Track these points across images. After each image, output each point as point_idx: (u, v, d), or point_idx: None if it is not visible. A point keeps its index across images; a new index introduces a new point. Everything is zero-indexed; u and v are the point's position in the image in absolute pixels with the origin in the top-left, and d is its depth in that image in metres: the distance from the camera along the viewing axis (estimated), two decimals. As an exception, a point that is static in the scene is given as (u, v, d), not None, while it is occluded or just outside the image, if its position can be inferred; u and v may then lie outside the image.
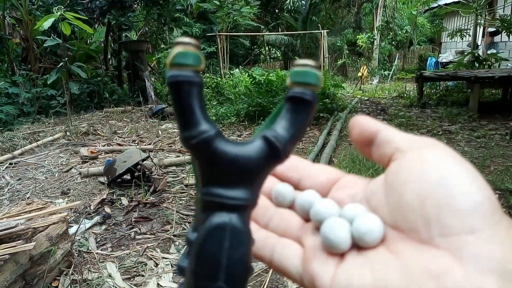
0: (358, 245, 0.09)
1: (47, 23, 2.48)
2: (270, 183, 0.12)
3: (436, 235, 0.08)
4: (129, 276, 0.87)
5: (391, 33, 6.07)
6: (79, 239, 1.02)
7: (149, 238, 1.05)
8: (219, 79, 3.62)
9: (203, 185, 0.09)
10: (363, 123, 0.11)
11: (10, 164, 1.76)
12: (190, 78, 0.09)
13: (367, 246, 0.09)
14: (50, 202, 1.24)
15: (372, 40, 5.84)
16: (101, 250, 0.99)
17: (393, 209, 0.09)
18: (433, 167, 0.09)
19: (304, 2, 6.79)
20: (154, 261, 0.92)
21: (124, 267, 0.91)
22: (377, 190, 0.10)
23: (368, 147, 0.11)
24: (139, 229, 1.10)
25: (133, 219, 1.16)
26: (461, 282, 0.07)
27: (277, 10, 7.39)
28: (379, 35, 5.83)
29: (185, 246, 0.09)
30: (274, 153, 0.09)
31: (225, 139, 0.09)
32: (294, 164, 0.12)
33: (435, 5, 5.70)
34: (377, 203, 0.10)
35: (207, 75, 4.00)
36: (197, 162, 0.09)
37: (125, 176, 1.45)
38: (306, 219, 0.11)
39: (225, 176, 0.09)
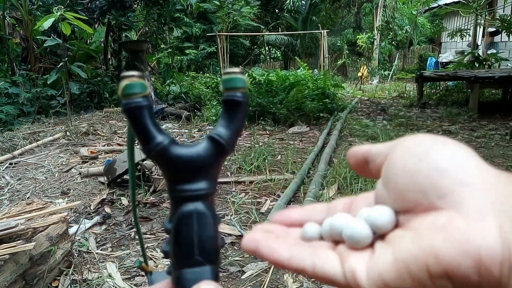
0: (379, 235, 0.11)
1: (47, 23, 2.47)
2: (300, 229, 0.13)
3: (435, 199, 0.09)
4: (129, 276, 0.87)
5: (391, 33, 6.08)
6: (79, 239, 1.02)
7: (149, 238, 1.05)
8: (219, 79, 3.62)
9: (169, 185, 0.11)
10: (355, 151, 0.13)
11: (10, 164, 1.76)
12: (139, 103, 0.11)
13: (383, 231, 0.10)
14: (50, 202, 1.24)
15: (372, 40, 5.87)
16: (101, 250, 0.99)
17: (394, 197, 0.10)
18: (412, 148, 0.10)
19: (304, 2, 6.77)
20: (154, 261, 0.93)
21: (124, 267, 0.91)
22: (379, 191, 0.11)
23: (367, 167, 0.12)
24: (139, 229, 1.11)
25: (133, 219, 1.16)
26: (464, 228, 0.08)
27: (277, 10, 7.40)
28: (379, 35, 5.85)
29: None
30: (220, 148, 0.12)
31: (178, 144, 0.11)
32: (314, 209, 0.14)
33: (435, 5, 5.70)
34: (382, 201, 0.11)
35: (207, 75, 4.01)
36: (160, 168, 0.12)
37: (125, 176, 1.45)
38: (335, 242, 0.12)
39: (184, 174, 0.11)
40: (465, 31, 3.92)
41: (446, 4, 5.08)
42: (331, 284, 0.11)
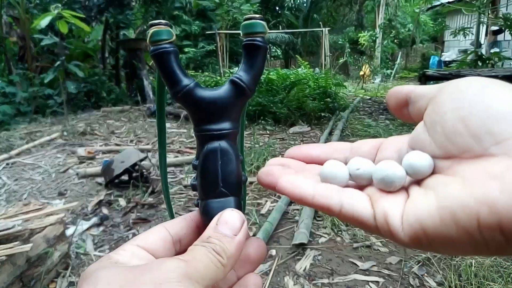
0: (416, 181, 0.10)
1: (44, 22, 2.45)
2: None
3: (490, 145, 0.08)
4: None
5: (394, 31, 6.02)
6: (76, 241, 1.01)
7: (148, 240, 1.04)
8: (218, 77, 3.59)
9: (196, 125, 0.12)
10: (397, 90, 0.12)
11: (7, 164, 1.75)
12: (166, 48, 0.12)
13: (421, 176, 0.10)
14: (47, 203, 1.23)
15: (374, 38, 5.84)
16: (99, 251, 0.98)
17: (440, 141, 0.10)
18: (465, 90, 0.09)
19: (305, 0, 6.74)
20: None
21: (122, 270, 0.90)
22: (418, 135, 0.10)
23: (406, 109, 0.11)
24: (137, 230, 1.09)
25: (131, 221, 1.15)
26: None
27: (277, 8, 7.35)
28: (381, 33, 5.81)
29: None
30: (241, 91, 0.12)
31: (202, 87, 0.12)
32: (336, 147, 0.13)
33: (438, 3, 5.65)
34: (422, 145, 0.10)
35: (207, 73, 3.99)
36: (186, 109, 0.12)
37: (122, 177, 1.43)
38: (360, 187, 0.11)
39: (208, 115, 0.12)
40: (468, 30, 3.89)
41: (449, 3, 5.03)
42: (358, 225, 0.10)
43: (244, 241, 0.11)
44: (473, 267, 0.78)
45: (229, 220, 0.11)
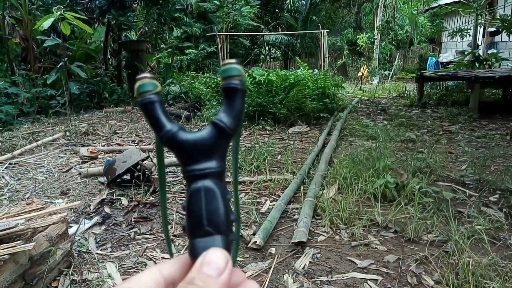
0: None
1: (46, 23, 2.48)
2: None
3: None
4: (129, 276, 0.87)
5: (392, 33, 6.07)
6: (78, 239, 1.02)
7: (149, 238, 1.05)
8: (219, 79, 3.60)
9: (182, 167, 0.13)
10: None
11: (10, 164, 1.76)
12: (151, 99, 0.13)
13: None
14: (50, 202, 1.24)
15: (372, 39, 5.86)
16: (101, 250, 0.99)
17: None
18: None
19: (304, 2, 6.78)
20: (154, 262, 0.92)
21: (124, 267, 0.90)
22: None
23: None
24: (139, 229, 1.10)
25: (133, 219, 1.16)
26: None
27: (277, 10, 7.39)
28: (379, 35, 5.82)
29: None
30: (222, 132, 0.13)
31: (185, 131, 0.13)
32: None
33: (436, 4, 5.71)
34: None
35: (207, 75, 4.00)
36: (172, 152, 0.13)
37: (124, 176, 1.45)
38: None
39: (191, 156, 0.13)
40: (466, 31, 3.92)
41: (446, 4, 5.08)
42: None
43: (229, 281, 0.11)
44: (470, 266, 0.78)
45: (213, 260, 0.11)
